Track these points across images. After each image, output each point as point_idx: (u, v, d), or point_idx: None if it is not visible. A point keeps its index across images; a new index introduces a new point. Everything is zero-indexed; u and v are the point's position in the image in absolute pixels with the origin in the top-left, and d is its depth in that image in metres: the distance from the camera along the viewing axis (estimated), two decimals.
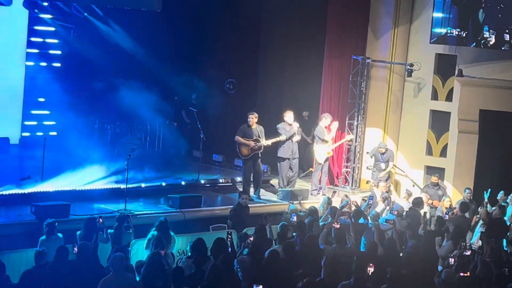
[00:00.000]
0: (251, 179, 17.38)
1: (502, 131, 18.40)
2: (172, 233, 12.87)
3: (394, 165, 18.70)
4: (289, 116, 17.72)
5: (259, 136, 17.15)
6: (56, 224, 12.47)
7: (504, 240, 13.49)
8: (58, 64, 19.54)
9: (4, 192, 15.15)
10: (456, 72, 18.56)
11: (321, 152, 18.11)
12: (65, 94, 19.26)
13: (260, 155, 17.29)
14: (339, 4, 19.35)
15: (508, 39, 17.62)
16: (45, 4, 18.30)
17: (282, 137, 17.43)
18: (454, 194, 17.82)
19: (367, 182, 18.23)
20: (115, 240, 12.76)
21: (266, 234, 12.69)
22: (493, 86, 18.20)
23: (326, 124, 18.23)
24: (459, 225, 13.93)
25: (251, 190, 17.30)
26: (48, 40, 19.23)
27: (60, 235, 12.42)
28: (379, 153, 18.16)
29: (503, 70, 18.25)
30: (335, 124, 18.24)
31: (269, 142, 17.29)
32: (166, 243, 12.22)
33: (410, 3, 19.27)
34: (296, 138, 17.58)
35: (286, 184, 17.71)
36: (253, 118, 17.19)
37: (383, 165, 18.12)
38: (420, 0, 19.18)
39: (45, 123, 19.23)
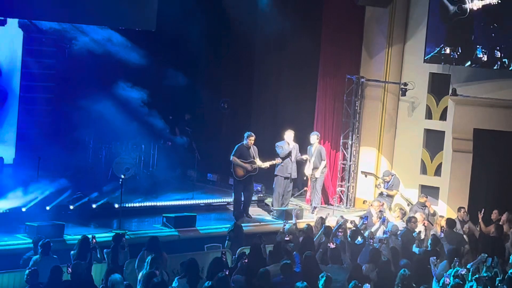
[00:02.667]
0: (242, 200, 17.31)
1: (496, 150, 18.42)
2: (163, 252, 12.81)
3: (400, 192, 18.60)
4: (288, 135, 17.72)
5: (254, 157, 17.10)
6: (51, 244, 12.41)
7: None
8: (53, 84, 19.52)
9: None
10: (450, 91, 18.61)
11: (308, 168, 18.18)
12: (60, 114, 19.23)
13: (253, 177, 17.24)
14: (333, 23, 19.42)
15: (500, 57, 17.64)
16: (40, 24, 18.32)
17: (278, 160, 17.42)
18: (449, 214, 17.82)
19: (364, 202, 18.21)
20: (111, 260, 12.69)
21: (261, 254, 12.66)
22: (487, 105, 18.24)
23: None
24: (454, 244, 13.94)
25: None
26: (43, 60, 19.22)
27: (54, 256, 12.35)
28: (385, 181, 18.18)
29: (497, 89, 18.30)
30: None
31: (267, 164, 17.26)
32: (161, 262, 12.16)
33: (404, 23, 19.34)
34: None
35: (281, 203, 17.68)
36: (252, 140, 17.14)
37: (385, 192, 18.19)
38: (413, 20, 19.26)
39: (39, 142, 19.17)
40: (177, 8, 19.64)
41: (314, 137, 18.23)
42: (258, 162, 17.09)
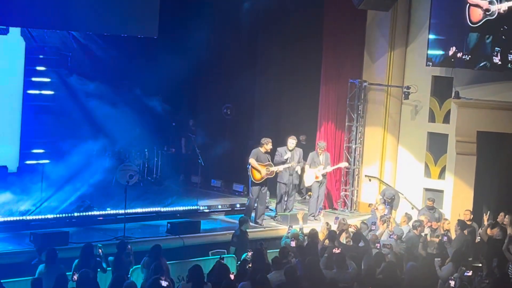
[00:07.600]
0: (255, 205, 17.26)
1: (500, 152, 18.40)
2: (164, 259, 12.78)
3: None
4: (290, 142, 17.63)
5: (270, 161, 17.06)
6: (58, 252, 12.36)
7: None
8: (56, 92, 19.54)
9: (2, 220, 15.13)
10: (453, 94, 18.61)
11: (310, 176, 18.10)
12: (63, 122, 19.26)
13: (267, 182, 17.19)
14: (334, 28, 19.42)
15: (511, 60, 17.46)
16: (42, 32, 18.34)
17: (293, 163, 17.32)
18: (453, 216, 17.78)
19: (369, 205, 18.17)
20: (116, 267, 12.65)
21: (263, 259, 12.63)
22: (490, 107, 18.23)
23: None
24: (459, 247, 13.94)
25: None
26: (45, 68, 19.24)
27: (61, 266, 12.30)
28: (386, 201, 18.13)
29: (500, 91, 18.28)
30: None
31: (281, 168, 17.22)
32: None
33: (406, 26, 19.35)
34: (294, 167, 17.34)
35: (284, 209, 17.66)
36: (267, 146, 17.01)
37: (387, 210, 18.14)
38: (415, 23, 19.26)
39: (43, 150, 19.19)
40: (178, 14, 19.70)
41: (324, 144, 18.22)
42: (273, 167, 17.07)
